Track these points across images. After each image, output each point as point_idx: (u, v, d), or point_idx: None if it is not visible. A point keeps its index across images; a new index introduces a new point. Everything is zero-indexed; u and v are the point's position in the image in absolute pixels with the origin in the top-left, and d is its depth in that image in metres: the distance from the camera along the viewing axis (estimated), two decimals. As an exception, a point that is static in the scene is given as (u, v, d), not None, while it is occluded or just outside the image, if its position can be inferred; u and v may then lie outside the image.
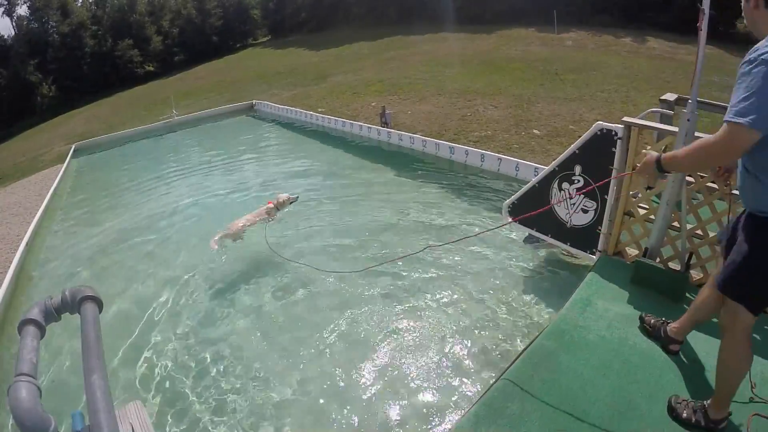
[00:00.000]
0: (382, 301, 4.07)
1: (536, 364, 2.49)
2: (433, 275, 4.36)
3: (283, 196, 5.43)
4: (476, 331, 3.59)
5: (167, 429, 3.03)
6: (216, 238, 4.94)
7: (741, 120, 1.46)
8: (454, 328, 3.66)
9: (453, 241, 4.42)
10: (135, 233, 6.26)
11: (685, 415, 2.12)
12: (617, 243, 3.43)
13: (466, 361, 3.32)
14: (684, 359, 2.46)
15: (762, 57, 1.45)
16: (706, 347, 2.51)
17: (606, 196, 3.41)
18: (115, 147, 12.96)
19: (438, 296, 4.06)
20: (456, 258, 4.60)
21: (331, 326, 3.82)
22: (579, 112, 8.84)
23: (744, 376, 1.99)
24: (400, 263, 4.56)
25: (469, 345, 3.47)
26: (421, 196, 6.24)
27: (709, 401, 2.09)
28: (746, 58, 1.51)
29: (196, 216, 6.62)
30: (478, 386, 3.06)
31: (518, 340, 3.45)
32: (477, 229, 5.12)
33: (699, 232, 2.97)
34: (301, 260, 4.73)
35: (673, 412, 2.16)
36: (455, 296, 4.03)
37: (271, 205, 5.32)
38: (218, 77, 22.89)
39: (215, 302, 4.35)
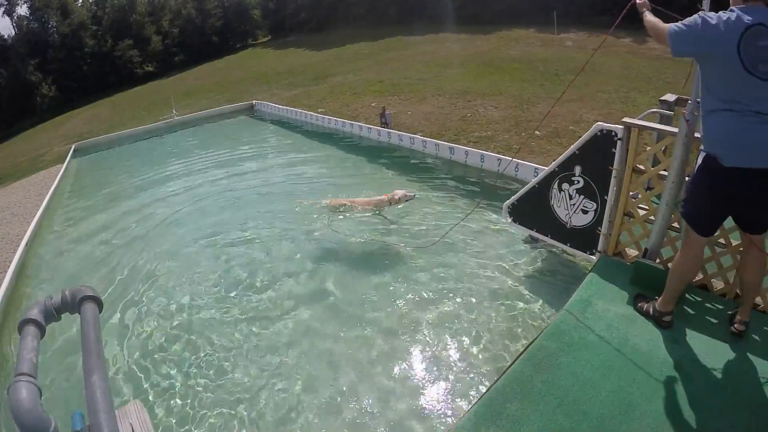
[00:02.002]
0: (378, 300, 4.08)
1: (536, 365, 2.49)
2: (432, 275, 4.36)
3: (400, 192, 5.27)
4: (475, 332, 3.59)
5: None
6: (317, 200, 5.53)
7: (671, 30, 2.12)
8: (453, 328, 3.66)
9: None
10: (135, 233, 6.25)
11: (639, 304, 2.80)
12: (617, 244, 3.43)
13: (466, 361, 3.32)
14: (684, 359, 2.46)
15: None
16: (706, 348, 2.52)
17: (606, 197, 3.42)
18: (115, 147, 12.95)
19: (437, 296, 4.06)
20: (455, 258, 4.60)
21: (329, 321, 3.84)
22: (579, 113, 8.83)
23: (685, 284, 2.63)
24: (398, 262, 4.58)
25: (468, 345, 3.47)
26: (421, 195, 6.22)
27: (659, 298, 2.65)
28: None
29: (196, 215, 6.62)
30: (478, 386, 3.06)
31: (518, 340, 3.44)
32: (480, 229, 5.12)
33: (699, 232, 2.97)
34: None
35: (636, 304, 2.81)
36: (454, 296, 4.03)
37: (385, 198, 5.26)
38: (218, 77, 22.89)
39: (228, 299, 4.36)
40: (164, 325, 4.10)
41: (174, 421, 3.10)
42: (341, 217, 5.50)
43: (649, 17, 2.37)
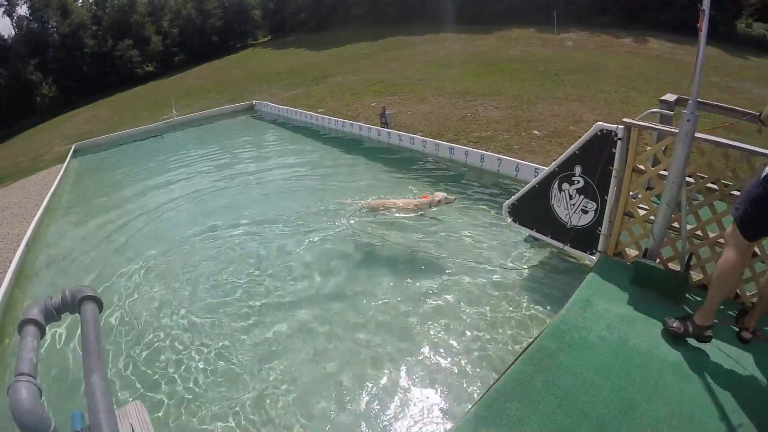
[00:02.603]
0: (377, 301, 4.08)
1: (536, 365, 2.49)
2: (432, 275, 4.36)
3: (440, 194, 5.24)
4: (475, 332, 3.59)
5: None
6: (356, 200, 5.54)
7: None
8: (454, 328, 3.66)
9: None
10: (134, 232, 6.26)
11: (674, 325, 2.55)
12: (617, 244, 3.43)
13: (466, 362, 3.32)
14: (684, 359, 2.45)
15: None
16: (706, 348, 2.52)
17: (606, 197, 3.42)
18: (115, 147, 12.95)
19: (437, 296, 4.06)
20: (455, 258, 4.60)
21: (331, 322, 3.85)
22: (579, 113, 8.84)
23: (729, 292, 2.51)
24: (405, 261, 4.59)
25: (468, 345, 3.47)
26: (414, 194, 6.23)
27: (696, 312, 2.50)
28: None
29: (197, 213, 6.63)
30: (478, 386, 3.06)
31: (518, 340, 3.45)
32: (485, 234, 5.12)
33: (699, 233, 2.97)
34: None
35: (666, 326, 2.58)
36: (454, 296, 4.04)
37: (426, 200, 5.23)
38: (218, 77, 22.88)
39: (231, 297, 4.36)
40: (169, 321, 4.11)
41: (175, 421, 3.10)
42: (370, 217, 5.51)
43: None
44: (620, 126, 3.15)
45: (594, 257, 3.59)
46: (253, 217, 6.12)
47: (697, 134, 2.66)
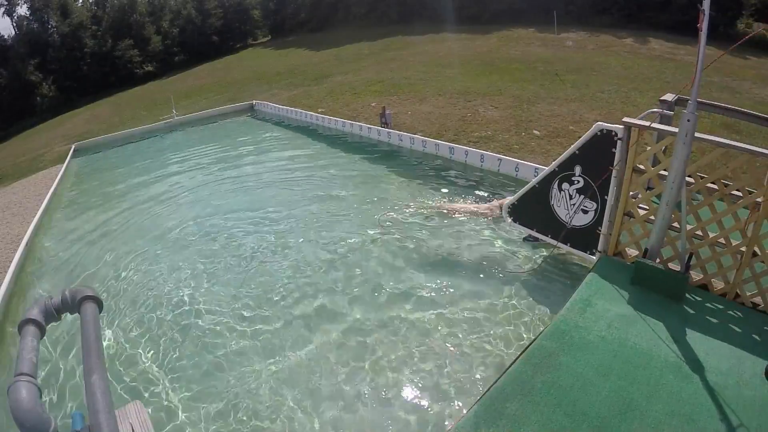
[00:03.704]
0: (378, 299, 4.09)
1: (536, 365, 2.49)
2: (433, 275, 4.36)
3: (510, 199, 5.39)
4: (475, 332, 3.58)
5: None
6: (425, 202, 5.68)
7: None
8: (454, 328, 3.66)
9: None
10: (137, 230, 6.27)
11: None
12: (617, 243, 3.43)
13: (466, 361, 3.32)
14: (684, 359, 2.46)
15: None
16: (706, 348, 2.52)
17: (606, 197, 3.42)
18: (115, 147, 12.95)
19: (437, 295, 4.06)
20: (455, 257, 4.60)
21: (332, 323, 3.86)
22: (579, 113, 8.84)
23: None
24: (396, 263, 4.59)
25: (468, 345, 3.47)
26: (422, 196, 6.24)
27: None
28: None
29: (195, 214, 6.63)
30: (478, 386, 3.06)
31: (518, 340, 3.44)
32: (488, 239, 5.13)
33: (699, 232, 2.97)
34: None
35: None
36: (455, 296, 4.03)
37: (496, 204, 5.37)
38: (218, 77, 22.86)
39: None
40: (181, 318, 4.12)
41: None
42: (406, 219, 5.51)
43: None
44: (620, 126, 3.15)
45: (594, 257, 3.59)
46: (254, 215, 6.13)
47: (697, 134, 2.66)
